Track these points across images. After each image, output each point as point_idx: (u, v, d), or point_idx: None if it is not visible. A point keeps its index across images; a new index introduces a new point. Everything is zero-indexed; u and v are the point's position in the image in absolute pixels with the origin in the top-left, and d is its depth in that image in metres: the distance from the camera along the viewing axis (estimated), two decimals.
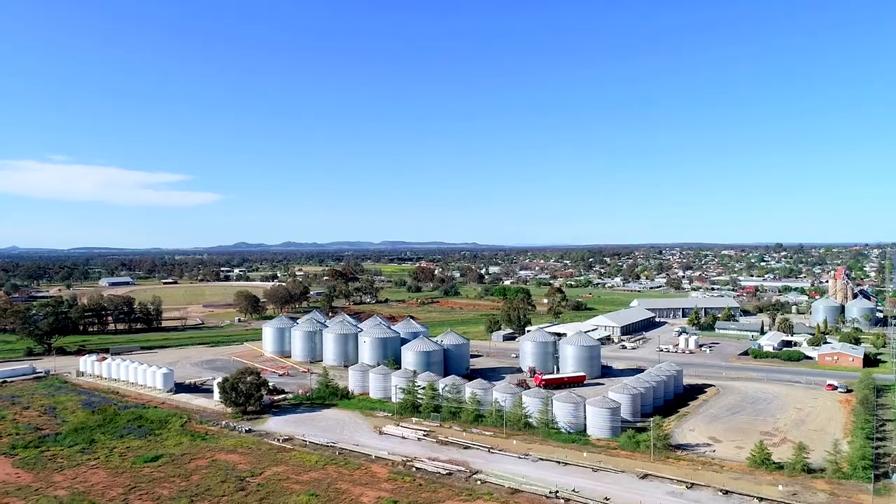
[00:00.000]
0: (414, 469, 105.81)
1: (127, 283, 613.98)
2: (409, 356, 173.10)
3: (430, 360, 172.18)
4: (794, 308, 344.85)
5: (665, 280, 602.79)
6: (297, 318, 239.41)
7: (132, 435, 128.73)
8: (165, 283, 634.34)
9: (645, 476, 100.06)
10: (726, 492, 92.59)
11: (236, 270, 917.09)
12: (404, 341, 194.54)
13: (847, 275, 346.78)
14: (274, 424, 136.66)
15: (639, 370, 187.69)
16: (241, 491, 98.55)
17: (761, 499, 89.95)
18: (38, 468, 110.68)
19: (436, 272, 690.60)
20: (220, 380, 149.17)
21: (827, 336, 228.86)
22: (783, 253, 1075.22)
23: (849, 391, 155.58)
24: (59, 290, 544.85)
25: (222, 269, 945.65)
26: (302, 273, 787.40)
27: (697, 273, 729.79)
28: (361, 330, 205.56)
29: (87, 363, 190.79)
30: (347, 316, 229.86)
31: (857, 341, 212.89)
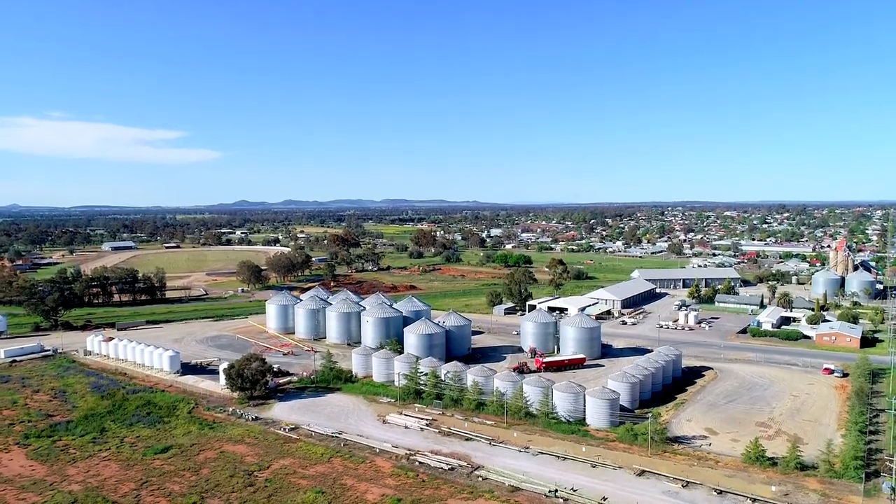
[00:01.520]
0: (417, 463, 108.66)
1: (129, 248, 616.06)
2: (412, 339, 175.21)
3: (431, 342, 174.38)
4: (794, 278, 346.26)
5: (667, 244, 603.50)
6: (300, 292, 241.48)
7: (141, 423, 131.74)
8: (168, 248, 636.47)
9: (642, 473, 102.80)
10: (721, 492, 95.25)
11: (238, 232, 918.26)
12: (407, 320, 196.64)
13: (848, 247, 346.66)
14: (280, 411, 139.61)
15: (638, 350, 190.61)
16: (250, 487, 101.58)
17: (754, 500, 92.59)
18: (51, 460, 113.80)
19: (437, 235, 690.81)
20: (225, 366, 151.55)
21: (826, 313, 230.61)
22: (786, 214, 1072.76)
23: (845, 375, 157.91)
24: (63, 255, 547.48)
25: (224, 230, 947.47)
26: (303, 235, 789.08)
27: (699, 236, 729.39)
28: (364, 308, 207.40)
29: (94, 343, 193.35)
30: (350, 293, 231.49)
31: (855, 319, 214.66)
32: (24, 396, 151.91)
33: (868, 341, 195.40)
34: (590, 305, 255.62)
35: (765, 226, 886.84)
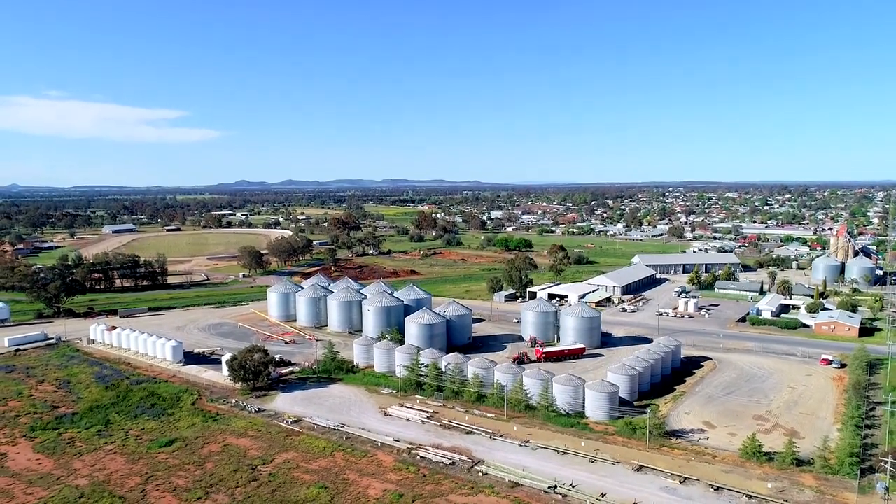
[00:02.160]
0: (418, 458, 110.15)
1: (130, 231, 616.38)
2: (413, 329, 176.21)
3: (432, 332, 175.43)
4: (794, 263, 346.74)
5: (668, 227, 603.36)
6: (301, 277, 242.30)
7: (146, 415, 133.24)
8: (169, 231, 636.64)
9: (640, 468, 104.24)
10: (717, 488, 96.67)
11: (238, 214, 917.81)
12: (408, 309, 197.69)
13: (849, 232, 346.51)
14: (282, 402, 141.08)
15: (638, 339, 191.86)
16: (254, 481, 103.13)
17: (750, 496, 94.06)
18: (57, 453, 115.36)
19: (437, 218, 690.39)
20: (228, 357, 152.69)
21: (825, 301, 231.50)
22: (787, 196, 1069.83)
23: (843, 366, 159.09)
24: (64, 238, 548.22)
25: (224, 212, 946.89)
26: (304, 217, 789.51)
27: (700, 218, 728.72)
28: (365, 297, 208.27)
29: (97, 332, 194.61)
30: (351, 280, 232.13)
31: (854, 308, 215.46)
32: (29, 387, 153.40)
33: (866, 330, 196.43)
34: (590, 292, 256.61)
35: (766, 207, 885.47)
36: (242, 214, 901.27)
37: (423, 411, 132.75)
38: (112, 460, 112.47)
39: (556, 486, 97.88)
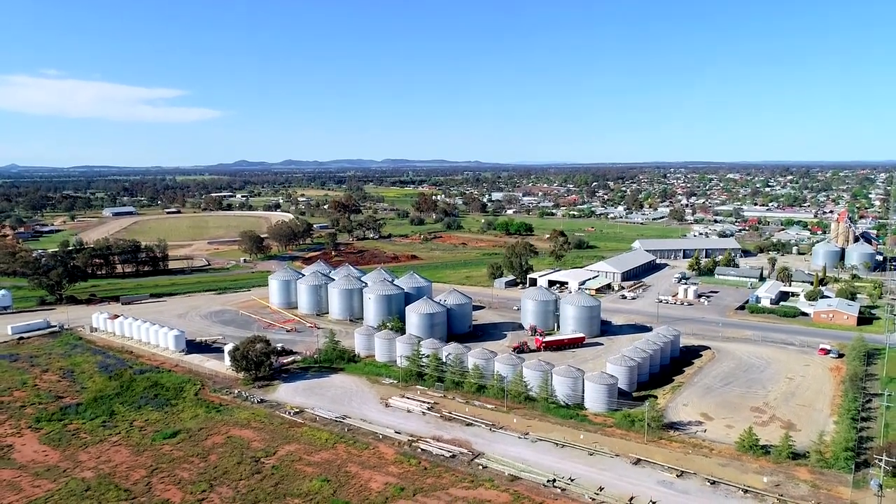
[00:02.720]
0: (419, 450, 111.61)
1: (130, 214, 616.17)
2: (414, 318, 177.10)
3: (433, 321, 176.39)
4: (794, 248, 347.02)
5: (669, 210, 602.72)
6: (302, 262, 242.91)
7: (150, 406, 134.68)
8: (169, 213, 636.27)
9: (638, 461, 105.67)
10: (714, 482, 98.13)
11: (238, 196, 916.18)
12: (408, 297, 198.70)
13: (850, 218, 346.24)
14: (284, 393, 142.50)
15: (637, 327, 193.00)
16: (257, 474, 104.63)
17: (746, 490, 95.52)
18: (63, 445, 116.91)
19: (438, 200, 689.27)
20: (230, 347, 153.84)
21: (824, 288, 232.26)
22: (789, 177, 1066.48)
23: (841, 356, 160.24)
24: (64, 221, 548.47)
25: (224, 193, 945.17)
26: (304, 199, 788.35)
27: (701, 201, 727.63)
28: (366, 284, 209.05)
29: (99, 320, 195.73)
30: (352, 268, 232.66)
31: (853, 296, 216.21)
32: (34, 377, 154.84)
33: (865, 319, 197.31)
34: (590, 279, 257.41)
35: (767, 189, 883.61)
36: (242, 196, 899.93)
37: (424, 402, 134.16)
38: (117, 452, 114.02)
39: (554, 480, 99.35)
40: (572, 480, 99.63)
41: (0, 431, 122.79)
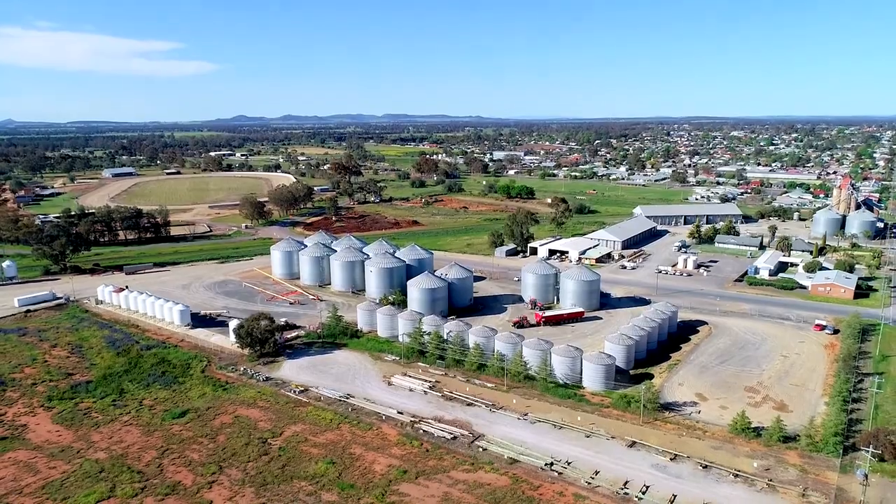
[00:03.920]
0: (421, 431, 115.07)
1: (130, 175, 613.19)
2: (415, 293, 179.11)
3: (434, 296, 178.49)
4: (795, 214, 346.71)
5: (671, 171, 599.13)
6: (304, 227, 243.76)
7: (158, 384, 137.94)
8: (169, 175, 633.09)
9: (633, 444, 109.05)
10: (705, 466, 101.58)
11: (238, 154, 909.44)
12: (409, 269, 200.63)
13: (852, 185, 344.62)
14: (289, 370, 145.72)
15: (636, 300, 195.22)
16: (265, 456, 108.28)
17: (736, 474, 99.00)
18: (75, 425, 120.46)
19: (439, 160, 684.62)
20: (235, 325, 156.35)
21: (823, 259, 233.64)
22: (794, 135, 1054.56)
23: (836, 332, 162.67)
24: (64, 183, 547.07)
25: (223, 151, 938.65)
26: (304, 158, 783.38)
27: (705, 160, 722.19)
28: (368, 256, 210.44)
29: (105, 293, 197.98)
30: (353, 238, 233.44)
31: (851, 268, 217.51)
32: (43, 352, 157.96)
33: (862, 292, 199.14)
34: (590, 248, 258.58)
35: (771, 147, 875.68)
36: (242, 155, 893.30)
37: (426, 381, 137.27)
38: (128, 432, 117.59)
39: (552, 464, 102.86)
40: (569, 464, 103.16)
41: (14, 411, 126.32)
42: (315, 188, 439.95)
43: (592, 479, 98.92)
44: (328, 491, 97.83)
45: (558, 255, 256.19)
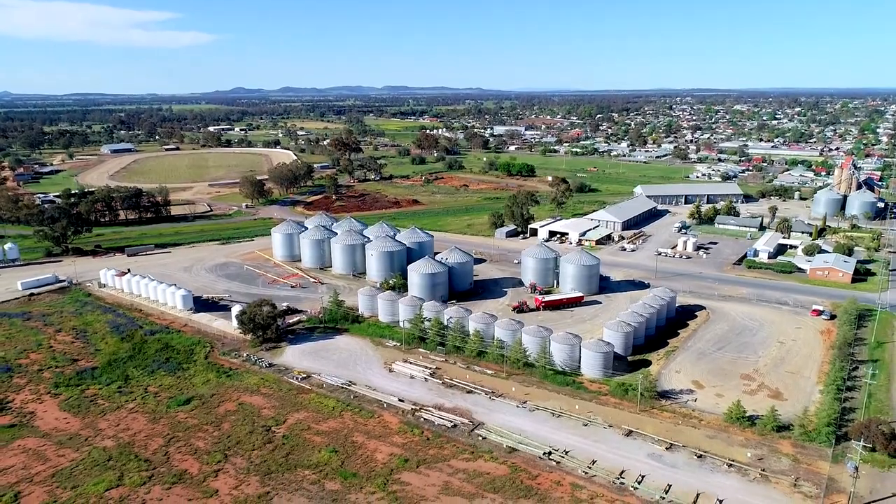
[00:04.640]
0: (422, 420, 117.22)
1: (129, 151, 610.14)
2: (415, 278, 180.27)
3: (434, 281, 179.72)
4: (796, 193, 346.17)
5: (672, 147, 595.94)
6: (304, 207, 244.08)
7: (162, 370, 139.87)
8: (168, 150, 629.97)
9: (629, 433, 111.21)
10: (700, 455, 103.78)
11: (237, 129, 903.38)
12: (410, 252, 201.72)
13: (854, 165, 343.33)
14: (291, 355, 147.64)
15: (636, 283, 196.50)
16: (269, 444, 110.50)
17: (730, 464, 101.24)
18: (82, 412, 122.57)
19: (440, 136, 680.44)
20: (237, 311, 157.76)
21: (822, 241, 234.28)
22: (797, 109, 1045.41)
23: (833, 317, 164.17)
24: (62, 160, 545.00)
25: (222, 126, 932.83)
26: (303, 133, 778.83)
27: (707, 135, 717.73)
28: (368, 239, 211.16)
29: (107, 276, 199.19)
30: (354, 221, 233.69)
31: (850, 251, 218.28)
32: (48, 337, 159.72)
33: (860, 276, 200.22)
34: (590, 229, 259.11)
35: (774, 122, 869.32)
36: (241, 129, 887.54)
37: (427, 367, 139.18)
38: (134, 420, 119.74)
39: (550, 453, 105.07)
40: (567, 453, 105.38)
41: (22, 398, 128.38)
42: (315, 165, 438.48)
43: (589, 468, 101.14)
44: (331, 480, 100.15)
45: (558, 236, 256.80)
